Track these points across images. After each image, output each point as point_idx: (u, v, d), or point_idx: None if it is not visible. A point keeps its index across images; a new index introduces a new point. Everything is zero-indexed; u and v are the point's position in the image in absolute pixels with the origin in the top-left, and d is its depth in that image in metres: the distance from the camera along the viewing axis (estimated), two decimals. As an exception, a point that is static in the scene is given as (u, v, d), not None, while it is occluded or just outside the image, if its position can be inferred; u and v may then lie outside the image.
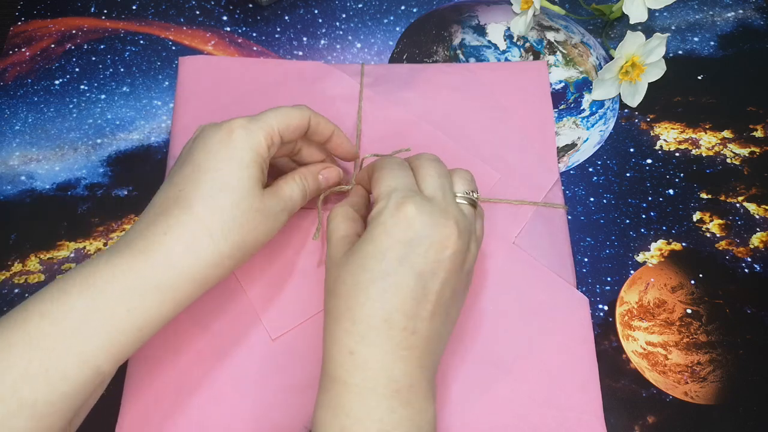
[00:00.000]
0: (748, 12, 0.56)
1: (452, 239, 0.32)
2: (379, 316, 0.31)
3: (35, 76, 0.53)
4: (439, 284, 0.32)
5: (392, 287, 0.31)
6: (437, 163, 0.36)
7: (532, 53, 0.54)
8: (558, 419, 0.38)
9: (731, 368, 0.42)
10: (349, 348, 0.31)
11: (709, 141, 0.50)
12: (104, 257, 0.31)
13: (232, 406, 0.38)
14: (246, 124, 0.34)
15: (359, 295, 0.31)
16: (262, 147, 0.34)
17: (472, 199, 0.36)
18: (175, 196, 0.33)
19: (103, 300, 0.29)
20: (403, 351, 0.31)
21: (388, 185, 0.34)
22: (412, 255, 0.31)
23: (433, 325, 0.32)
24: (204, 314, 0.40)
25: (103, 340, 0.29)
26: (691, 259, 0.45)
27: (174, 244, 0.31)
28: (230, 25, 0.55)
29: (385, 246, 0.31)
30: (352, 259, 0.32)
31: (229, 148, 0.33)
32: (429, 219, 0.32)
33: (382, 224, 0.32)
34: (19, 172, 0.49)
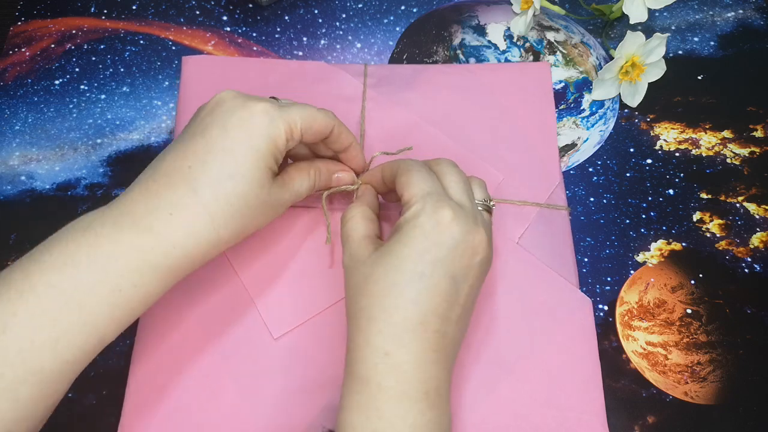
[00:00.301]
0: (748, 12, 0.56)
1: (483, 246, 0.33)
2: (416, 318, 0.31)
3: (35, 76, 0.53)
4: (468, 288, 0.32)
5: (428, 289, 0.31)
6: (459, 169, 0.37)
7: (532, 53, 0.54)
8: (559, 419, 0.38)
9: (731, 368, 0.42)
10: (385, 349, 0.31)
11: (709, 141, 0.50)
12: (108, 228, 0.31)
13: (234, 406, 0.38)
14: (270, 111, 0.33)
15: (395, 296, 0.31)
16: (280, 139, 0.33)
17: (489, 207, 0.37)
18: (183, 170, 0.32)
19: (110, 275, 0.30)
20: (434, 354, 0.31)
21: (422, 188, 0.34)
22: (448, 258, 0.31)
23: (458, 329, 0.33)
24: (205, 314, 0.40)
25: (108, 312, 0.30)
26: (691, 259, 0.45)
27: (177, 227, 0.31)
28: (230, 25, 0.55)
29: (422, 248, 0.31)
30: (387, 260, 0.32)
31: (246, 131, 0.32)
32: (464, 224, 0.32)
33: (419, 227, 0.32)
34: (19, 172, 0.49)
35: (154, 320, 0.41)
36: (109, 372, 0.41)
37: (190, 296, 0.41)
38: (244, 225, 0.33)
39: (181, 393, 0.39)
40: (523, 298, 0.41)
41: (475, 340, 0.40)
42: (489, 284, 0.41)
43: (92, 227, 0.31)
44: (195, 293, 0.41)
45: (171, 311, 0.41)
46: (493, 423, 0.38)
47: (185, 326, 0.40)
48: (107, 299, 0.30)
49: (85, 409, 0.40)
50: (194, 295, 0.41)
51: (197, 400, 0.38)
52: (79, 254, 0.30)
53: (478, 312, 0.40)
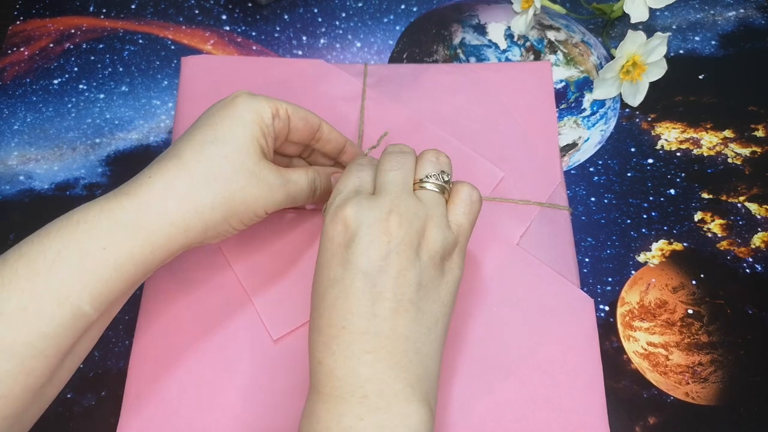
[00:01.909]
0: (750, 11, 0.56)
1: (392, 232, 0.30)
2: (337, 323, 0.30)
3: (34, 76, 0.52)
4: (391, 281, 0.30)
5: (342, 293, 0.30)
6: (396, 155, 0.34)
7: (532, 52, 0.53)
8: (561, 421, 0.38)
9: (732, 369, 0.42)
10: (317, 358, 0.31)
11: (711, 141, 0.50)
12: (88, 203, 0.31)
13: (234, 408, 0.38)
14: (254, 94, 0.35)
15: (319, 306, 0.31)
16: (265, 111, 0.34)
17: (438, 184, 0.33)
18: (170, 149, 0.33)
19: (76, 238, 0.29)
20: (367, 355, 0.30)
21: (337, 189, 0.34)
22: (354, 256, 0.30)
23: (399, 324, 0.30)
24: (205, 315, 0.40)
25: (79, 278, 0.29)
26: (692, 260, 0.45)
27: (154, 187, 0.31)
28: (229, 25, 0.55)
29: (330, 253, 0.31)
30: (316, 273, 0.33)
31: (229, 108, 0.34)
32: (367, 217, 0.31)
33: (324, 232, 0.32)
34: (17, 172, 0.48)
35: (153, 321, 0.41)
36: (108, 372, 0.41)
37: (189, 297, 0.41)
38: (227, 189, 0.32)
39: (180, 394, 0.38)
40: (524, 298, 0.41)
41: (475, 341, 0.40)
42: (489, 285, 0.41)
43: (71, 211, 0.31)
44: (194, 294, 0.41)
45: (170, 312, 0.41)
46: (494, 424, 0.38)
47: (184, 327, 0.40)
48: (76, 263, 0.29)
49: (85, 409, 0.40)
50: (193, 296, 0.41)
51: (196, 401, 0.38)
52: (52, 227, 0.30)
53: (478, 312, 0.40)
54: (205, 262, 0.42)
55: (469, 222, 0.34)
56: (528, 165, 0.46)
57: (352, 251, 0.30)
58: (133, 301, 0.43)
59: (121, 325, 0.43)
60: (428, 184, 0.33)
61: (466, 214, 0.34)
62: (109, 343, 0.42)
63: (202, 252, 0.42)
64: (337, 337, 0.30)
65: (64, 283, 0.29)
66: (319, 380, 0.31)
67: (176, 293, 0.41)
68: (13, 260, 0.29)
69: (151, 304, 0.41)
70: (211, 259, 0.42)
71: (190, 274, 0.41)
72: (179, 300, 0.41)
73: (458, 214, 0.33)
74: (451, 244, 0.32)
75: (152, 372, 0.39)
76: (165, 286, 0.41)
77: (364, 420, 0.29)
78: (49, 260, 0.29)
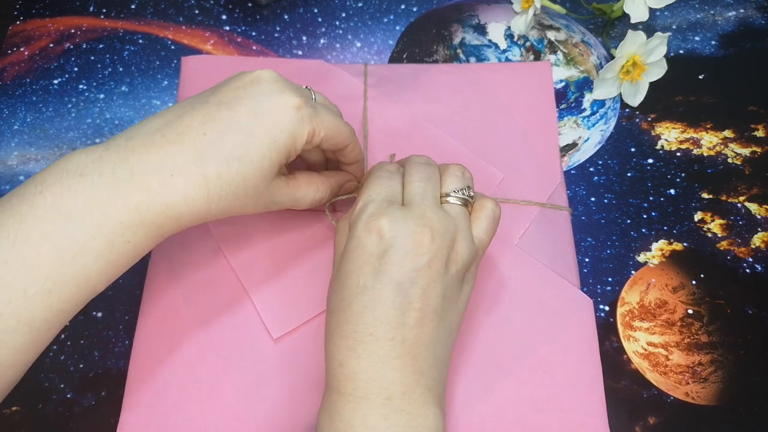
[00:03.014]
0: (750, 11, 0.56)
1: (425, 245, 0.31)
2: (364, 330, 0.31)
3: (34, 76, 0.52)
4: (420, 291, 0.31)
5: (372, 301, 0.31)
6: (423, 166, 0.35)
7: (532, 52, 0.53)
8: (561, 421, 0.38)
9: (732, 369, 0.42)
10: (339, 361, 0.32)
11: (710, 141, 0.50)
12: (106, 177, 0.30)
13: (234, 407, 0.38)
14: (303, 109, 0.33)
15: (344, 311, 0.32)
16: (301, 138, 0.33)
17: (463, 198, 0.34)
18: (197, 135, 0.31)
19: (104, 231, 0.30)
20: (393, 360, 0.31)
21: (368, 195, 0.34)
22: (388, 266, 0.31)
23: (423, 332, 0.32)
24: (204, 314, 0.40)
25: (100, 266, 0.30)
26: (692, 260, 0.45)
27: (174, 191, 0.31)
28: (229, 25, 0.55)
29: (361, 261, 0.32)
30: (337, 276, 0.33)
31: (273, 120, 0.32)
32: (402, 228, 0.31)
33: (355, 238, 0.32)
34: (17, 172, 0.48)
35: (153, 321, 0.41)
36: (108, 372, 0.41)
37: (189, 297, 0.41)
38: (234, 207, 0.33)
39: (180, 394, 0.38)
40: (524, 298, 0.41)
41: (475, 341, 0.40)
42: (488, 285, 0.41)
43: (89, 173, 0.30)
44: (194, 294, 0.41)
45: (170, 312, 0.41)
46: (494, 424, 0.38)
47: (184, 327, 0.40)
48: (101, 254, 0.30)
49: (85, 409, 0.40)
50: (193, 296, 0.41)
51: (196, 400, 0.38)
52: (75, 206, 0.29)
53: (478, 313, 0.40)
54: (205, 262, 0.42)
55: (489, 238, 0.35)
56: (528, 165, 0.46)
57: (387, 261, 0.31)
58: (133, 301, 0.43)
59: (121, 325, 0.43)
60: (455, 198, 0.34)
61: (487, 230, 0.35)
62: (109, 343, 0.42)
63: (202, 252, 0.42)
64: (364, 343, 0.31)
65: (87, 270, 0.30)
66: (339, 381, 0.31)
67: (176, 293, 0.41)
68: (37, 239, 0.29)
69: (151, 304, 0.41)
70: (211, 258, 0.42)
71: (191, 274, 0.41)
72: (179, 300, 0.41)
73: (481, 229, 0.35)
74: (474, 257, 0.34)
75: (152, 372, 0.39)
76: (165, 286, 0.41)
77: (388, 420, 0.30)
78: (75, 249, 0.29)
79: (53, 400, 0.41)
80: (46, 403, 0.41)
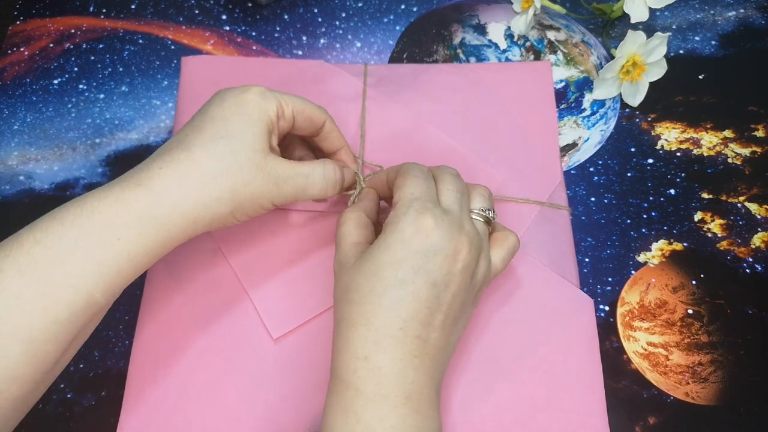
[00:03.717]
0: (750, 11, 0.55)
1: (463, 253, 0.33)
2: (396, 324, 0.31)
3: (34, 76, 0.52)
4: (450, 295, 0.32)
5: (409, 296, 0.31)
6: (458, 178, 0.37)
7: (532, 52, 0.53)
8: (561, 421, 0.38)
9: (732, 369, 0.42)
10: (364, 354, 0.31)
11: (710, 141, 0.50)
12: (100, 190, 0.32)
13: (234, 407, 0.38)
14: (263, 90, 0.35)
15: (374, 303, 0.31)
16: (272, 111, 0.35)
17: (487, 217, 0.36)
18: (180, 139, 0.34)
19: (93, 228, 0.30)
20: (415, 359, 0.31)
21: (411, 192, 0.34)
22: (428, 265, 0.32)
23: (443, 335, 0.32)
24: (204, 314, 0.40)
25: (94, 267, 0.30)
26: (692, 260, 0.45)
27: (165, 179, 0.32)
28: (229, 25, 0.55)
29: (402, 255, 0.32)
30: (367, 267, 0.32)
31: (240, 104, 0.34)
32: (446, 232, 0.32)
33: (400, 232, 0.32)
34: (17, 172, 0.48)
35: (153, 321, 0.41)
36: (108, 372, 0.41)
37: (188, 297, 0.41)
38: (234, 184, 0.33)
39: (180, 394, 0.38)
40: (524, 298, 0.41)
41: (474, 342, 0.40)
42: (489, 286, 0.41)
43: (83, 197, 0.31)
44: (194, 294, 0.41)
45: (170, 312, 0.41)
46: (494, 424, 0.38)
47: (184, 327, 0.40)
48: (92, 253, 0.30)
49: (85, 409, 0.40)
50: (193, 296, 0.41)
51: (196, 401, 0.38)
52: (66, 213, 0.30)
53: (478, 314, 0.40)
54: (205, 262, 0.42)
55: (503, 267, 0.37)
56: (528, 165, 0.46)
57: (428, 261, 0.32)
58: (133, 301, 0.43)
59: (121, 325, 0.43)
60: (478, 215, 0.36)
61: (504, 260, 0.37)
62: (109, 343, 0.42)
63: (202, 252, 0.42)
64: (393, 337, 0.31)
65: (80, 272, 0.29)
66: (360, 376, 0.31)
67: (176, 293, 0.41)
68: (29, 245, 0.29)
69: (151, 304, 0.41)
70: (210, 259, 0.42)
71: (190, 274, 0.41)
72: (179, 300, 0.41)
73: (499, 257, 0.37)
74: (488, 276, 0.36)
75: (152, 372, 0.39)
76: (165, 286, 0.41)
77: (406, 421, 0.30)
78: (66, 249, 0.29)
79: (53, 400, 0.41)
80: (46, 403, 0.41)
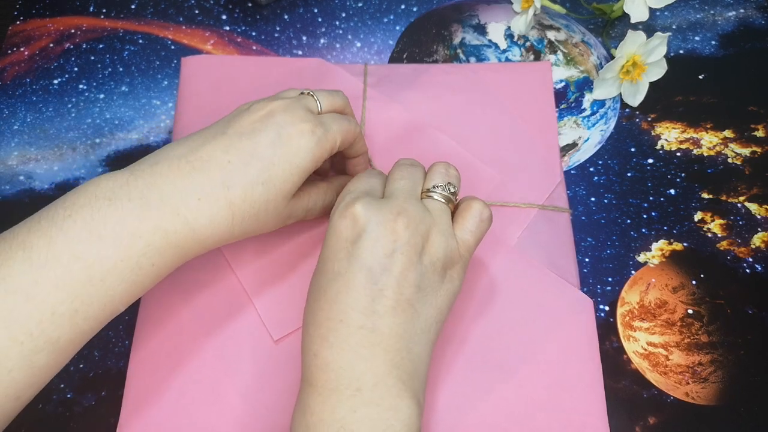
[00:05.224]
0: (750, 11, 0.55)
1: (399, 232, 0.31)
2: (335, 317, 0.31)
3: (34, 76, 0.52)
4: (393, 280, 0.31)
5: (344, 286, 0.31)
6: (406, 166, 0.36)
7: (532, 52, 0.53)
8: (561, 421, 0.38)
9: (732, 369, 0.42)
10: (313, 351, 0.31)
11: (711, 141, 0.50)
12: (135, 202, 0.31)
13: (234, 408, 0.38)
14: (316, 131, 0.34)
15: (319, 299, 0.32)
16: (322, 158, 0.35)
17: (445, 194, 0.35)
18: (222, 163, 0.33)
19: (132, 254, 0.30)
20: (364, 350, 0.31)
21: (347, 190, 0.35)
22: (360, 251, 0.31)
23: (396, 322, 0.31)
24: (205, 316, 0.40)
25: (126, 288, 0.31)
26: (692, 260, 0.45)
27: (201, 215, 0.32)
28: (229, 25, 0.55)
29: (336, 247, 0.32)
30: (318, 267, 0.33)
31: (294, 148, 0.34)
32: (376, 216, 0.32)
33: (332, 227, 0.33)
34: (17, 172, 0.48)
35: (153, 321, 0.41)
36: (108, 372, 0.41)
37: (189, 297, 0.41)
38: (255, 228, 0.35)
39: (181, 394, 0.38)
40: (524, 299, 0.41)
41: (474, 343, 0.40)
42: (489, 285, 0.41)
43: (118, 198, 0.31)
44: (194, 294, 0.41)
45: (170, 313, 0.41)
46: (494, 425, 0.38)
47: (184, 328, 0.40)
48: (128, 276, 0.30)
49: (85, 409, 0.40)
50: (193, 297, 0.41)
51: (196, 401, 0.38)
52: (106, 229, 0.30)
53: (477, 315, 0.40)
54: (206, 262, 0.42)
55: (475, 239, 0.35)
56: (528, 165, 0.46)
57: (358, 246, 0.31)
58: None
59: (121, 325, 0.43)
60: (435, 194, 0.35)
61: (472, 232, 0.35)
62: (109, 343, 0.42)
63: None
64: (335, 330, 0.31)
65: (113, 292, 0.30)
66: (312, 372, 0.31)
67: (176, 293, 0.41)
68: (67, 259, 0.29)
69: (151, 305, 0.41)
70: (211, 259, 0.42)
71: (191, 275, 0.41)
72: (179, 300, 0.41)
73: (465, 230, 0.35)
74: (454, 253, 0.34)
75: (152, 372, 0.39)
76: (165, 286, 0.41)
77: (357, 412, 0.30)
78: (104, 270, 0.30)
79: (53, 400, 0.41)
80: (46, 403, 0.41)
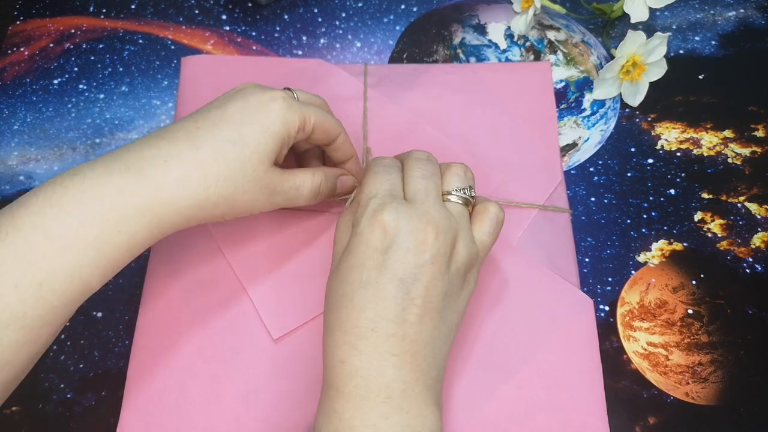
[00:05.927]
0: (750, 11, 0.56)
1: (429, 242, 0.32)
2: (365, 325, 0.31)
3: (34, 76, 0.52)
4: (423, 289, 0.31)
5: (375, 296, 0.31)
6: (424, 162, 0.35)
7: (532, 52, 0.53)
8: (561, 421, 0.38)
9: (732, 369, 0.42)
10: (340, 357, 0.31)
11: (710, 141, 0.50)
12: (98, 171, 0.31)
13: (234, 408, 0.38)
14: (289, 100, 0.34)
15: (346, 306, 0.32)
16: (293, 126, 0.34)
17: (465, 197, 0.35)
18: (190, 130, 0.33)
19: (94, 219, 0.30)
20: (394, 357, 0.31)
21: (369, 191, 0.34)
22: (391, 262, 0.31)
23: (423, 329, 0.32)
24: (204, 314, 0.40)
25: (93, 257, 0.30)
26: (692, 260, 0.45)
27: (168, 175, 0.31)
28: (229, 25, 0.55)
29: (364, 256, 0.32)
30: (338, 272, 0.33)
31: (263, 112, 0.33)
32: (406, 224, 0.32)
33: (359, 234, 0.32)
34: (17, 172, 0.48)
35: (152, 321, 0.41)
36: (108, 372, 0.41)
37: (188, 297, 0.41)
38: (232, 194, 0.33)
39: (180, 394, 0.38)
40: (524, 299, 0.41)
41: (475, 343, 0.40)
42: (489, 285, 0.41)
43: (81, 172, 0.31)
44: (193, 294, 0.41)
45: (169, 313, 0.41)
46: (494, 425, 0.38)
47: (184, 327, 0.40)
48: (92, 244, 0.30)
49: (85, 409, 0.40)
50: (193, 297, 0.41)
51: (196, 401, 0.38)
52: (65, 197, 0.30)
53: (477, 315, 0.40)
54: (205, 262, 0.42)
55: (491, 241, 0.36)
56: (528, 165, 0.46)
57: (390, 257, 0.31)
58: (133, 301, 0.43)
59: (121, 325, 0.43)
60: (456, 197, 0.35)
61: (490, 233, 0.35)
62: (109, 343, 0.42)
63: (202, 253, 0.42)
64: (365, 338, 0.31)
65: (79, 263, 0.29)
66: (339, 378, 0.31)
67: (176, 293, 0.41)
68: (27, 231, 0.29)
69: (150, 304, 0.41)
70: (210, 259, 0.42)
71: (190, 275, 0.41)
72: (179, 300, 0.41)
73: (483, 232, 0.35)
74: (474, 257, 0.34)
75: (152, 371, 0.39)
76: (165, 286, 0.41)
77: (389, 419, 0.30)
78: (66, 239, 0.29)
79: (53, 400, 0.41)
80: (46, 403, 0.41)
